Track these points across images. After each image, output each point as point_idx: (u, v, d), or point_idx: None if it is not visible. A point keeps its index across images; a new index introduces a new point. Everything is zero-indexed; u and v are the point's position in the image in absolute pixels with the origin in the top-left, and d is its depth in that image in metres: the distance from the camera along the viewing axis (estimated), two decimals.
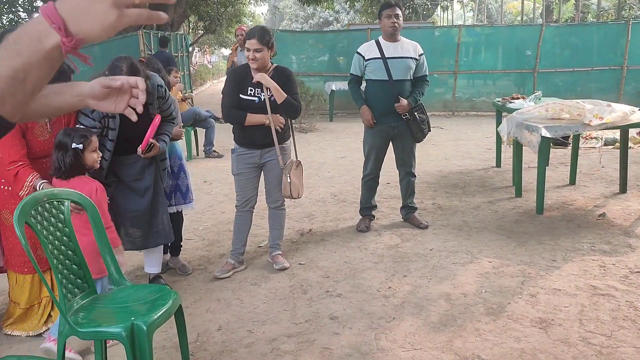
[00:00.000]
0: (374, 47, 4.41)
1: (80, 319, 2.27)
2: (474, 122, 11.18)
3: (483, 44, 13.15)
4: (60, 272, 2.35)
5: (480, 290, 3.43)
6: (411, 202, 4.75)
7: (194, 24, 24.44)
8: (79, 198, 2.49)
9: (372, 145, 4.54)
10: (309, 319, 3.15)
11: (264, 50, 3.54)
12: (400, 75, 4.35)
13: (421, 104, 4.48)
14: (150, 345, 2.20)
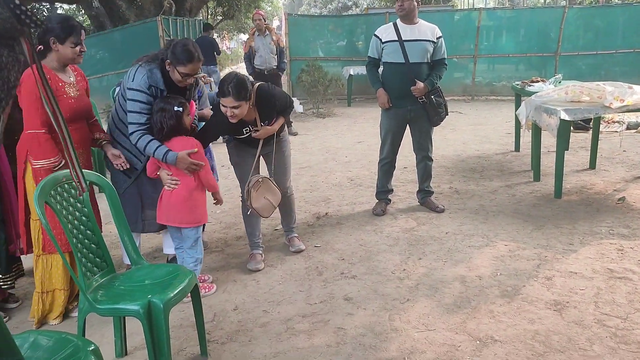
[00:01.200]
0: (392, 29, 4.38)
1: (99, 296, 2.33)
2: (494, 107, 11.05)
3: (504, 27, 12.93)
4: (80, 251, 2.41)
5: (496, 273, 3.42)
6: (427, 186, 4.74)
7: (212, 10, 24.43)
8: (97, 179, 2.55)
9: (388, 129, 4.53)
10: (324, 300, 3.19)
11: (242, 106, 3.22)
12: (417, 58, 4.31)
13: (438, 88, 4.43)
14: (167, 322, 2.26)
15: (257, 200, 3.50)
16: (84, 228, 2.47)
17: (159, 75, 3.15)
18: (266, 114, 3.47)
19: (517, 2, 34.66)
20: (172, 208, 3.17)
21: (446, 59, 4.48)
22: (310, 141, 8.15)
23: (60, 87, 2.93)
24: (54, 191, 2.34)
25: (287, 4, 42.69)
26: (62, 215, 2.34)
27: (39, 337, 1.89)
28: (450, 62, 12.53)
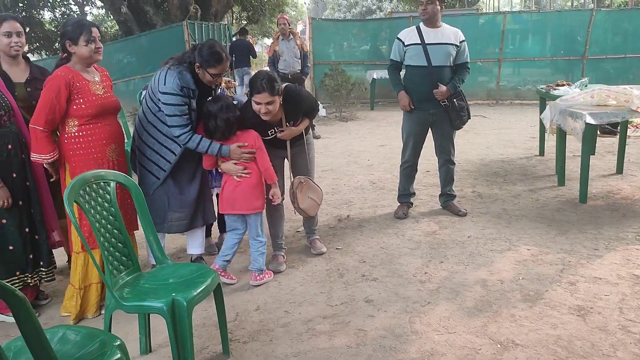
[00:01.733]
0: (414, 33, 4.39)
1: (125, 293, 2.39)
2: (518, 111, 10.96)
3: (530, 30, 12.82)
4: (107, 249, 2.47)
5: (518, 277, 3.40)
6: (450, 190, 4.73)
7: (237, 14, 24.68)
8: (123, 179, 2.61)
9: (410, 132, 4.53)
10: (345, 302, 3.21)
11: (275, 101, 3.29)
12: (440, 61, 4.31)
13: (461, 91, 4.42)
14: (190, 320, 2.30)
15: (303, 201, 3.64)
16: (111, 227, 2.53)
17: (188, 76, 3.24)
18: (292, 114, 3.53)
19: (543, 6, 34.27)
20: (239, 196, 3.39)
21: (469, 62, 4.45)
22: (333, 144, 8.19)
23: (84, 86, 3.04)
24: (83, 191, 2.41)
25: (311, 9, 42.84)
26: (91, 214, 2.41)
27: (67, 332, 1.95)
28: (475, 66, 12.55)
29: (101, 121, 3.12)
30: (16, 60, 3.28)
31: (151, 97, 3.32)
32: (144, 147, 3.39)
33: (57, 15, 18.01)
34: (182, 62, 3.28)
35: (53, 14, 18.05)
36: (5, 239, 3.06)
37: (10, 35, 3.16)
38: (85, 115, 3.04)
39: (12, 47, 3.17)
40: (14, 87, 3.22)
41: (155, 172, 3.39)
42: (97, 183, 2.51)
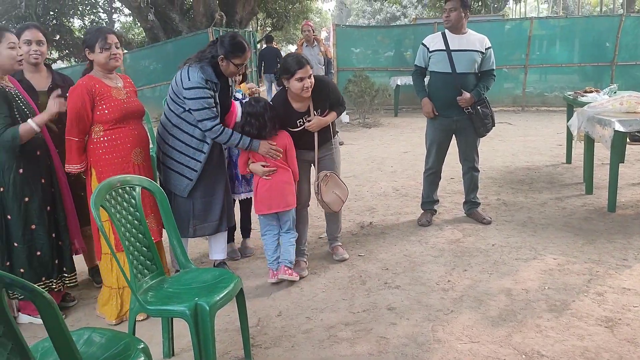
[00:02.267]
0: (440, 39, 4.36)
1: (149, 297, 2.41)
2: (545, 118, 10.81)
3: (557, 36, 12.63)
4: (132, 253, 2.51)
5: (543, 286, 3.35)
6: (474, 197, 4.68)
7: (262, 21, 24.90)
8: (148, 184, 2.65)
9: (433, 139, 4.50)
10: (367, 309, 3.19)
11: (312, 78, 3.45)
12: (465, 68, 4.27)
13: (485, 98, 4.37)
14: (212, 324, 2.32)
15: (327, 194, 3.68)
16: (136, 231, 2.57)
17: (210, 70, 3.32)
18: (320, 102, 3.59)
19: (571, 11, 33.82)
20: (275, 194, 3.48)
21: (495, 70, 4.40)
22: (356, 151, 8.18)
23: (106, 92, 3.11)
24: (109, 195, 2.45)
25: (335, 15, 42.99)
26: (116, 218, 2.45)
27: (92, 334, 1.97)
28: (500, 73, 12.43)
29: (125, 125, 3.17)
30: (38, 69, 3.37)
31: (174, 99, 3.37)
32: (171, 151, 3.43)
33: (86, 22, 18.40)
34: (203, 58, 3.36)
35: (82, 21, 18.46)
36: (34, 244, 3.10)
37: (30, 43, 3.24)
38: (109, 120, 3.10)
39: (31, 55, 3.25)
40: (37, 95, 3.28)
41: (187, 174, 3.41)
42: (122, 188, 2.55)
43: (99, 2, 18.97)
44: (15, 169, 2.99)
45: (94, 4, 18.53)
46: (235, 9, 14.77)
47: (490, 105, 4.42)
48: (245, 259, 4.10)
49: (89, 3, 18.26)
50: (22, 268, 3.08)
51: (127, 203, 2.55)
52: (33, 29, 3.28)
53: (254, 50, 16.11)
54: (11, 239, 3.05)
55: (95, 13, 18.90)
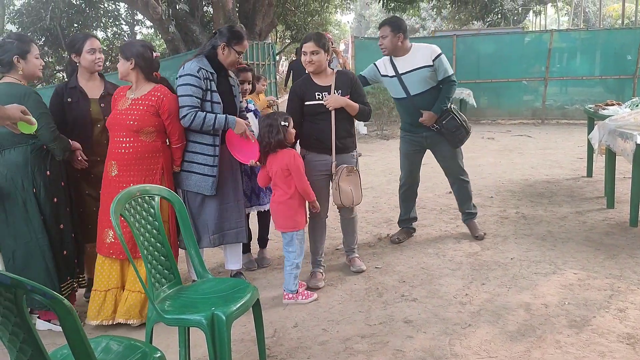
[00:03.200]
0: (389, 64, 4.25)
1: (166, 306, 2.43)
2: (565, 131, 10.70)
3: (578, 49, 12.55)
4: (150, 262, 2.53)
5: (563, 302, 3.30)
6: (468, 208, 4.56)
7: (281, 33, 25.09)
8: (168, 194, 2.67)
9: (405, 154, 4.46)
10: (383, 321, 3.17)
11: (320, 53, 3.57)
12: (418, 88, 4.14)
13: (451, 109, 4.21)
14: (229, 334, 2.32)
15: (344, 183, 3.66)
16: (154, 240, 2.59)
17: (206, 61, 3.41)
18: (342, 84, 3.67)
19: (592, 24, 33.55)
20: (275, 214, 3.55)
21: (452, 75, 4.20)
22: (374, 162, 8.17)
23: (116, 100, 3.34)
24: (129, 204, 2.48)
25: (354, 27, 43.16)
26: (135, 227, 2.47)
27: (110, 342, 1.99)
28: (520, 85, 12.39)
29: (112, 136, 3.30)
30: (92, 77, 3.49)
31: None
32: (190, 156, 3.44)
33: (109, 34, 18.71)
34: (202, 51, 3.48)
35: (105, 33, 18.76)
36: (62, 243, 3.22)
37: (94, 52, 3.39)
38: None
39: (96, 63, 3.41)
40: (89, 102, 3.42)
41: (209, 172, 3.43)
42: (142, 197, 2.58)
43: (121, 15, 19.28)
44: (44, 171, 3.13)
45: (116, 17, 18.84)
46: (254, 22, 14.90)
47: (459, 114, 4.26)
48: (262, 270, 4.11)
49: (112, 15, 18.56)
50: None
51: (146, 212, 2.58)
52: (93, 39, 3.43)
53: (273, 62, 16.23)
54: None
55: (118, 25, 19.20)
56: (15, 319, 1.56)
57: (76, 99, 3.39)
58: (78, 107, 3.38)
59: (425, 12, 30.28)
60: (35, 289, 1.49)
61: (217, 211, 3.50)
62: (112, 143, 3.26)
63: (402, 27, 4.16)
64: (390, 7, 16.22)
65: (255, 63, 13.17)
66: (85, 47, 3.35)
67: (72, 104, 3.37)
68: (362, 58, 12.94)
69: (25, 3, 15.29)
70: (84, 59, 3.37)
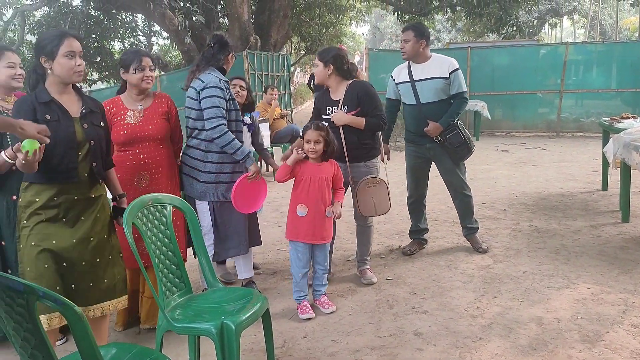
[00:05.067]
0: (405, 70, 4.27)
1: (176, 315, 2.45)
2: (580, 144, 10.61)
3: (594, 61, 12.47)
4: (161, 270, 2.55)
5: (576, 316, 3.26)
6: (469, 223, 4.53)
7: (296, 45, 25.25)
8: (179, 203, 2.70)
9: (410, 166, 4.47)
10: (393, 334, 3.16)
11: (319, 65, 3.71)
12: (429, 97, 4.15)
13: (457, 125, 4.20)
14: (238, 343, 2.33)
15: (363, 192, 3.71)
16: (165, 249, 2.61)
17: (219, 72, 3.48)
18: (349, 99, 3.71)
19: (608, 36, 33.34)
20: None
21: (464, 92, 4.22)
22: (387, 174, 8.14)
23: (119, 115, 3.20)
24: (141, 213, 2.51)
25: (369, 39, 43.33)
26: (147, 236, 2.50)
27: (120, 350, 2.01)
28: (534, 98, 12.34)
29: (131, 149, 3.20)
30: (68, 89, 2.63)
31: (198, 117, 3.42)
32: (218, 167, 3.47)
33: (126, 45, 18.99)
34: (206, 63, 3.49)
35: (122, 44, 19.03)
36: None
37: (73, 56, 2.53)
38: (118, 143, 3.19)
39: (76, 72, 2.55)
40: (72, 122, 2.55)
41: (237, 179, 3.49)
42: (154, 206, 2.61)
43: (138, 26, 19.57)
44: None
45: (133, 28, 19.12)
46: (269, 33, 15.04)
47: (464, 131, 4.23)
48: (272, 279, 4.12)
49: (129, 27, 18.85)
50: None
51: (158, 221, 2.60)
52: (72, 39, 2.53)
53: (287, 74, 16.34)
54: None
55: (135, 36, 19.48)
56: (27, 325, 1.59)
57: (56, 117, 2.49)
58: (60, 128, 2.47)
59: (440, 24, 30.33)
60: (47, 295, 1.52)
61: (244, 218, 3.57)
62: (134, 156, 3.21)
63: (425, 33, 4.19)
64: (404, 19, 16.28)
65: (269, 74, 13.25)
66: (62, 50, 2.48)
67: (52, 123, 2.44)
68: (376, 69, 12.99)
69: (45, 14, 15.57)
70: (58, 64, 2.49)
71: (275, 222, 5.73)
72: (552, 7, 27.01)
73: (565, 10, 28.31)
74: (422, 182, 4.48)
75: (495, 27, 15.96)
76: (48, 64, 2.50)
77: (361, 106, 3.70)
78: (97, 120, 2.65)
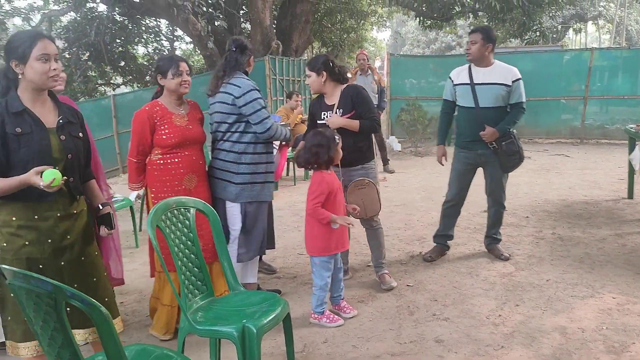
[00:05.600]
0: (465, 72, 4.25)
1: (198, 317, 2.47)
2: (605, 151, 10.44)
3: (619, 67, 12.25)
4: (184, 273, 2.57)
5: (601, 326, 3.21)
6: (495, 233, 4.53)
7: (317, 50, 25.30)
8: (202, 206, 2.72)
9: (456, 171, 4.42)
10: (414, 340, 3.14)
11: (311, 76, 3.73)
12: (488, 102, 4.13)
13: (512, 134, 4.18)
14: (259, 347, 2.34)
15: (353, 194, 3.71)
16: (188, 252, 2.64)
17: (246, 76, 3.54)
18: (343, 103, 3.74)
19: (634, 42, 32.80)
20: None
21: (524, 102, 4.21)
22: (407, 179, 8.13)
23: (167, 117, 3.24)
24: (165, 216, 2.54)
25: (390, 44, 43.25)
26: (170, 238, 2.53)
27: (144, 351, 2.04)
28: (558, 104, 12.18)
29: (181, 151, 3.26)
30: (43, 96, 2.36)
31: (234, 122, 3.45)
32: (252, 167, 3.49)
33: (149, 50, 19.21)
34: (232, 68, 3.52)
35: (146, 49, 19.26)
36: None
37: (48, 59, 2.26)
38: (167, 145, 3.21)
39: (52, 78, 2.29)
40: (48, 134, 2.30)
41: (270, 179, 3.58)
42: (178, 209, 2.64)
43: (161, 31, 19.80)
44: None
45: (157, 33, 19.34)
46: (291, 38, 15.10)
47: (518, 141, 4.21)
48: (292, 284, 4.13)
49: (153, 31, 19.07)
50: None
51: (181, 224, 2.63)
52: (46, 41, 2.28)
53: None
54: None
55: (158, 41, 19.69)
56: (55, 324, 1.62)
57: (29, 129, 2.25)
58: (33, 142, 2.25)
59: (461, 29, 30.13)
60: (75, 296, 1.55)
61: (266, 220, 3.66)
62: (184, 158, 3.26)
63: (492, 38, 4.20)
64: (427, 24, 16.20)
65: (290, 79, 13.31)
66: (35, 53, 2.23)
67: (24, 137, 2.24)
68: (397, 74, 12.95)
69: (71, 20, 15.84)
70: (31, 68, 2.24)
71: (295, 227, 5.74)
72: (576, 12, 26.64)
73: (590, 15, 27.92)
74: (465, 188, 4.46)
75: (519, 32, 15.78)
76: (20, 68, 2.24)
77: (355, 109, 3.72)
78: (75, 131, 2.42)
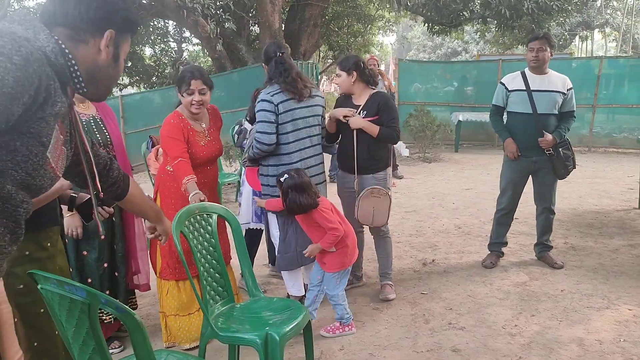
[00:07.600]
0: (519, 78, 4.27)
1: (220, 323, 2.47)
2: (614, 160, 10.42)
3: (627, 76, 12.23)
4: (206, 279, 2.58)
5: (619, 338, 3.20)
6: (547, 240, 4.52)
7: (324, 54, 25.33)
8: (224, 212, 2.73)
9: (509, 179, 4.40)
10: (431, 349, 3.13)
11: (342, 75, 3.73)
12: (546, 109, 4.16)
13: (567, 140, 4.25)
14: (282, 355, 2.34)
15: (365, 201, 3.63)
16: (210, 257, 2.64)
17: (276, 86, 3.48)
18: (369, 105, 3.71)
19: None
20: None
21: (575, 111, 4.27)
22: (416, 185, 8.12)
23: (192, 136, 3.14)
24: (188, 221, 2.54)
25: (396, 49, 43.27)
26: (194, 244, 2.53)
27: (169, 356, 2.04)
28: None
29: (197, 169, 3.12)
30: None
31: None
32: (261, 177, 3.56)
33: (156, 51, 19.28)
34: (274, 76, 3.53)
35: (153, 50, 19.32)
36: (84, 270, 3.01)
37: None
38: (194, 160, 3.12)
39: None
40: None
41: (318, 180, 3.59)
42: (200, 215, 2.64)
43: (169, 32, 19.85)
44: None
45: (164, 34, 19.39)
46: (299, 42, 15.11)
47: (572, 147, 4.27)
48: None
49: (161, 32, 19.12)
50: None
51: (204, 230, 2.63)
52: None
53: (315, 82, 16.39)
54: None
55: (166, 42, 19.75)
56: (87, 330, 1.62)
57: None
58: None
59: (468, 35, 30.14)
60: (109, 302, 1.55)
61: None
62: (205, 173, 3.23)
63: (554, 46, 4.25)
64: (434, 30, 16.20)
65: None
66: None
67: None
68: (405, 80, 12.96)
69: None
70: None
71: None
72: (583, 19, 26.62)
73: (597, 23, 27.89)
74: (518, 196, 4.45)
75: (527, 39, 15.81)
76: None
77: (379, 114, 3.66)
78: None
